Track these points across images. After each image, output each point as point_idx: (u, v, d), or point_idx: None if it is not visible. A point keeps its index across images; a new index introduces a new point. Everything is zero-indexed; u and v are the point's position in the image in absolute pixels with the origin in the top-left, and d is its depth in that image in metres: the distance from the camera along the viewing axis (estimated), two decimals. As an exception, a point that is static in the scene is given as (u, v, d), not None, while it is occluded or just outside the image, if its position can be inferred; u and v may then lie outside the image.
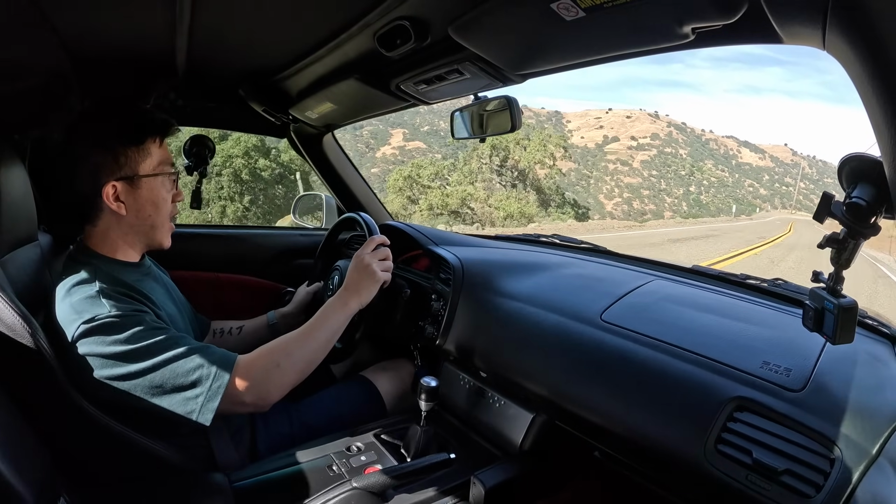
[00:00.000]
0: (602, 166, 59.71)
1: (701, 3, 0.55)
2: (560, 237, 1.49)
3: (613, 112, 71.07)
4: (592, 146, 62.63)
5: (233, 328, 1.23)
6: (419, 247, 1.27)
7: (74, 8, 0.77)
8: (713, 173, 63.69)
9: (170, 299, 0.94)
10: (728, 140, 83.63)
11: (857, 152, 0.50)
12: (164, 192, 0.87)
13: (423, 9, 0.76)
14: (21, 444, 0.63)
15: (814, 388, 0.65)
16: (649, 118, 69.81)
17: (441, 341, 1.09)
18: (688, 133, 72.91)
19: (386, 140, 60.37)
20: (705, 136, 74.67)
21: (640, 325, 0.85)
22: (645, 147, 64.80)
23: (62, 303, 0.76)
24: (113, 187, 0.81)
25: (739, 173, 74.09)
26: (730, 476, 0.63)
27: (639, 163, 59.97)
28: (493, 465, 0.91)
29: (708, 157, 71.96)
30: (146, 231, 0.87)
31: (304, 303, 1.29)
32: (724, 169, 76.72)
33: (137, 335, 0.74)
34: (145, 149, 0.84)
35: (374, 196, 1.76)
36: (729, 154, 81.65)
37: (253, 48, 1.04)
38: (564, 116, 69.68)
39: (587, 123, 67.18)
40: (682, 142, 69.53)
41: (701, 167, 63.44)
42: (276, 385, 0.82)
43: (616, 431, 0.78)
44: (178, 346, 0.76)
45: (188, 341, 0.78)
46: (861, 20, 0.40)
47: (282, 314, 1.26)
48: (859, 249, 0.52)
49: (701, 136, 74.21)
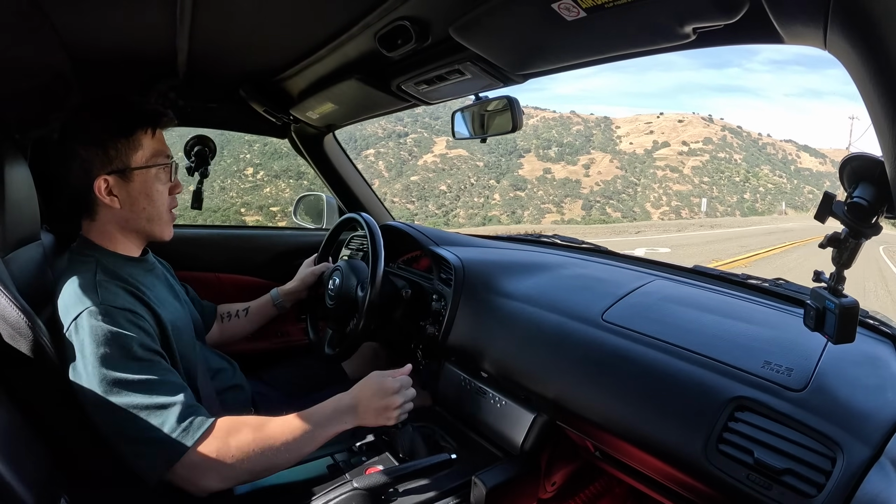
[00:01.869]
0: (651, 173, 58.19)
1: (702, 3, 0.55)
2: (561, 237, 1.49)
3: (665, 116, 68.33)
4: (641, 152, 60.60)
5: (239, 311, 1.24)
6: (420, 247, 1.27)
7: (75, 8, 0.77)
8: (770, 179, 61.17)
9: (171, 295, 0.94)
10: (786, 144, 79.85)
11: (859, 152, 0.50)
12: (158, 185, 0.86)
13: (423, 9, 0.77)
14: (21, 444, 0.63)
15: (815, 388, 0.65)
16: (702, 122, 67.15)
17: (442, 341, 1.09)
18: (743, 137, 69.53)
19: (429, 148, 59.40)
20: (762, 141, 71.45)
21: (641, 325, 0.85)
22: (697, 152, 62.34)
23: (60, 298, 0.76)
24: (105, 181, 0.80)
25: (799, 179, 70.35)
26: (731, 476, 0.63)
27: (690, 169, 57.82)
28: (494, 465, 0.90)
29: (765, 163, 68.60)
30: (143, 224, 0.86)
31: (308, 282, 1.29)
32: (783, 175, 72.71)
33: (126, 347, 0.71)
34: (136, 141, 0.82)
35: (374, 196, 1.77)
36: (788, 159, 77.50)
37: (254, 49, 1.04)
38: (614, 122, 67.27)
39: (637, 129, 65.09)
40: (737, 146, 66.63)
41: (757, 173, 61.18)
42: (218, 475, 0.71)
43: (616, 431, 0.78)
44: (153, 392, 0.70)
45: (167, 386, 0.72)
46: (862, 20, 0.40)
47: (285, 291, 1.26)
48: (860, 249, 0.53)
49: (757, 140, 71.03)
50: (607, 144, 62.93)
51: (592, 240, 1.43)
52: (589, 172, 56.73)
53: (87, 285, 0.75)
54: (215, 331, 1.20)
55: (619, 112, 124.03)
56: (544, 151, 59.24)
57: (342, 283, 1.17)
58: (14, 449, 0.60)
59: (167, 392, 0.72)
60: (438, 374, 1.17)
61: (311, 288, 1.30)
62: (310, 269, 1.31)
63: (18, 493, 0.55)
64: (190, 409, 0.72)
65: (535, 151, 58.85)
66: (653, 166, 59.77)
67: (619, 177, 48.52)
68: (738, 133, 70.05)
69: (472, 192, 55.91)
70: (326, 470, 0.88)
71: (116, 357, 0.70)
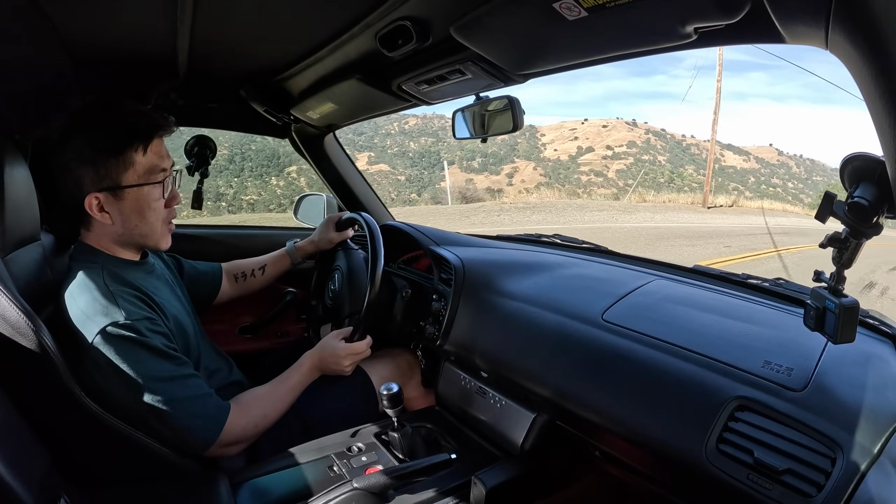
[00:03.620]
0: (575, 179, 57.71)
1: (704, 2, 0.55)
2: (561, 237, 1.49)
3: (589, 122, 67.92)
4: (566, 158, 60.30)
5: (255, 270, 1.26)
6: (420, 247, 1.27)
7: (75, 8, 0.77)
8: (694, 179, 62.09)
9: (173, 295, 0.95)
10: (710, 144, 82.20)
11: (860, 152, 0.49)
12: (151, 202, 0.84)
13: (424, 9, 0.76)
14: (21, 444, 0.63)
15: (815, 388, 0.65)
16: (626, 126, 67.18)
17: (442, 341, 1.09)
18: (667, 139, 70.36)
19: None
20: (686, 142, 71.68)
21: (642, 324, 0.85)
22: (621, 156, 62.33)
23: (74, 304, 0.76)
24: (95, 198, 0.80)
25: (723, 177, 71.86)
26: (731, 476, 0.63)
27: (614, 172, 57.66)
28: (494, 465, 0.90)
29: (689, 163, 68.64)
30: (136, 238, 0.86)
31: (322, 246, 1.28)
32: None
33: (156, 352, 0.78)
34: (126, 159, 0.80)
35: (375, 196, 1.76)
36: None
37: (254, 49, 1.04)
38: (539, 130, 66.84)
39: (562, 135, 64.41)
40: (661, 148, 66.96)
41: (681, 173, 61.38)
42: (246, 442, 0.90)
43: (617, 431, 0.78)
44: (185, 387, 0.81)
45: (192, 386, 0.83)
46: (864, 20, 0.40)
47: (302, 250, 1.28)
48: (861, 249, 0.53)
49: (681, 141, 71.47)
50: (532, 152, 62.30)
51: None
52: (512, 181, 55.96)
53: (102, 294, 0.77)
54: (228, 289, 1.22)
55: (547, 121, 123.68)
56: (468, 163, 58.71)
57: (342, 282, 1.17)
58: (14, 449, 0.60)
59: (195, 384, 0.82)
60: (438, 374, 1.17)
61: (323, 252, 1.30)
62: (329, 237, 1.27)
63: (18, 492, 0.54)
64: (213, 396, 0.85)
65: (458, 163, 58.38)
66: (577, 172, 59.30)
67: (542, 184, 48.54)
68: (661, 135, 71.09)
69: (393, 207, 55.26)
70: (326, 470, 0.88)
71: (149, 359, 0.77)
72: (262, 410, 0.92)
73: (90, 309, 0.76)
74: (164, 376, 0.78)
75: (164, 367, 0.78)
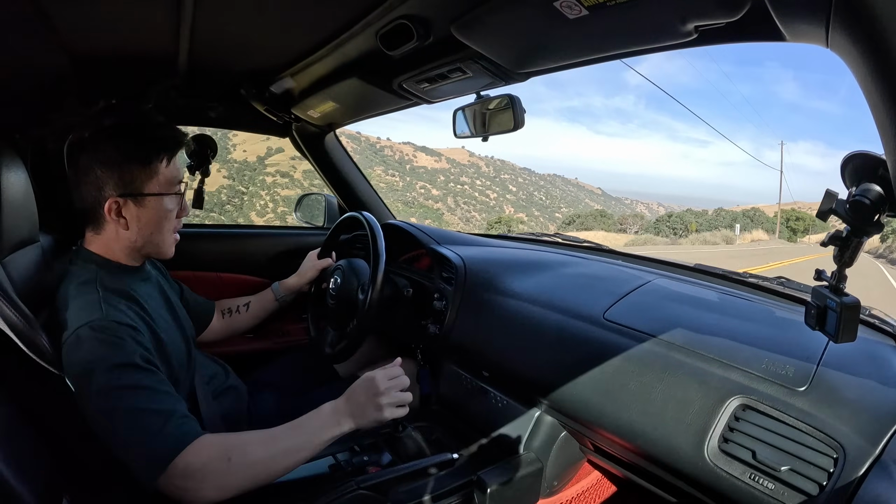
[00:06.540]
0: (260, 180, 56.19)
1: (705, 1, 0.55)
2: (562, 236, 1.49)
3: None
4: (254, 160, 58.84)
5: (240, 306, 1.24)
6: (421, 246, 1.27)
7: (75, 8, 0.77)
8: (382, 179, 62.75)
9: (166, 305, 0.94)
10: (404, 146, 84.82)
11: (861, 150, 0.49)
12: (167, 212, 0.86)
13: (425, 7, 0.76)
14: (23, 446, 0.64)
15: (817, 387, 0.65)
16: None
17: (443, 341, 1.09)
18: (361, 142, 73.72)
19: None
20: (380, 144, 75.50)
21: (643, 323, 0.85)
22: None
23: (67, 308, 0.76)
24: (116, 202, 0.81)
25: (412, 177, 74.66)
26: (733, 475, 0.63)
27: (301, 173, 56.04)
28: (496, 464, 0.91)
29: (379, 164, 72.78)
30: (146, 245, 0.87)
31: (309, 277, 1.29)
32: (395, 174, 77.97)
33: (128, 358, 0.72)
34: (152, 169, 0.83)
35: (376, 196, 1.76)
36: (404, 159, 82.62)
37: (255, 48, 1.04)
38: (229, 133, 66.84)
39: (253, 137, 63.99)
40: (354, 150, 69.48)
41: (370, 174, 63.01)
42: (214, 484, 0.69)
43: (618, 430, 0.78)
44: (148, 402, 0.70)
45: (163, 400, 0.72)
46: (865, 18, 0.39)
47: (286, 286, 1.27)
48: (862, 247, 0.52)
49: (375, 143, 75.19)
50: (220, 154, 62.32)
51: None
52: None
53: (90, 301, 0.76)
54: (217, 326, 1.20)
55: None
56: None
57: (343, 282, 1.17)
58: (16, 450, 0.60)
59: (163, 400, 0.72)
60: (440, 373, 1.17)
61: (312, 282, 1.30)
62: (312, 264, 1.31)
63: (21, 494, 0.55)
64: (185, 418, 0.72)
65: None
66: (263, 173, 58.01)
67: (224, 186, 47.43)
68: (356, 138, 75.11)
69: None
70: (328, 470, 0.88)
71: (116, 365, 0.70)
72: (242, 445, 0.72)
73: (73, 313, 0.75)
74: (128, 384, 0.70)
75: (134, 376, 0.71)
